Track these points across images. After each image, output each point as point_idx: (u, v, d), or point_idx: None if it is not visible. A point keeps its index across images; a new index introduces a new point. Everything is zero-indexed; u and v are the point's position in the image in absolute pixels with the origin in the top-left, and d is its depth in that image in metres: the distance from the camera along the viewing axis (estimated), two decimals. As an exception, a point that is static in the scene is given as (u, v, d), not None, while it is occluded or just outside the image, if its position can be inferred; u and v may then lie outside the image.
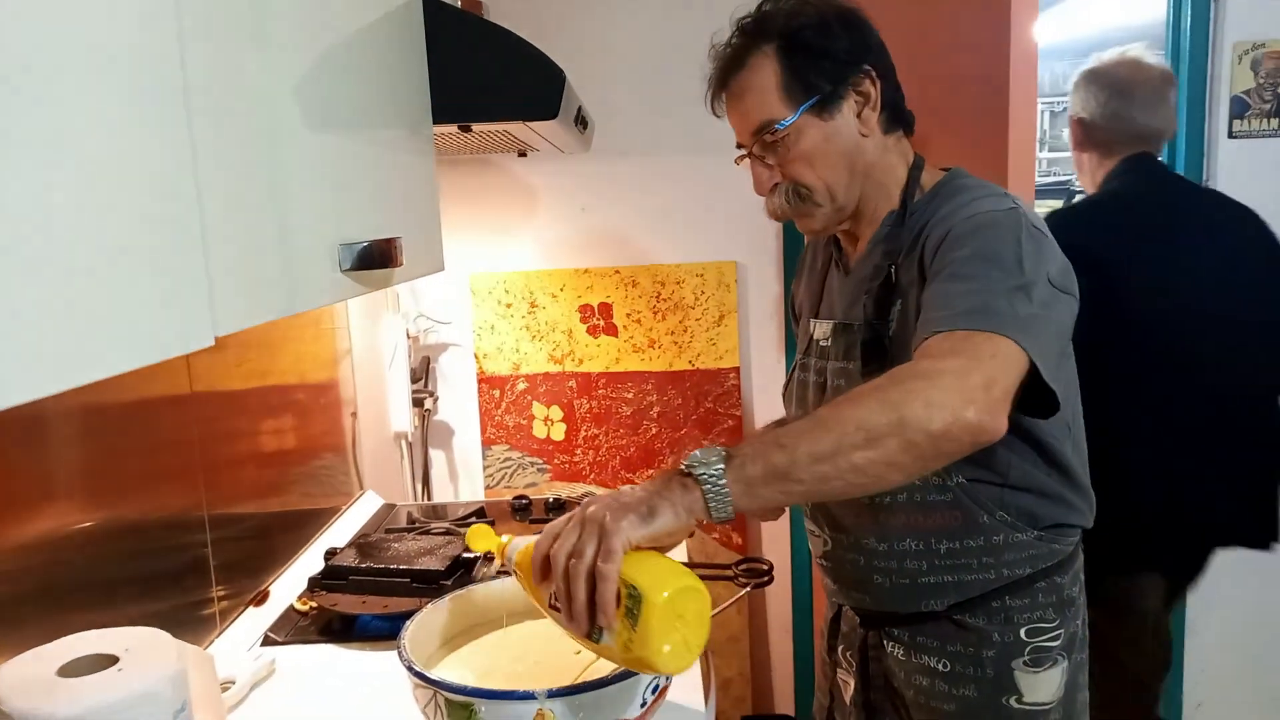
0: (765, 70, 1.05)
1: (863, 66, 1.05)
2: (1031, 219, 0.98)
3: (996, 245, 0.94)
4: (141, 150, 0.51)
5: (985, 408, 0.81)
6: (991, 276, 0.91)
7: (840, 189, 1.07)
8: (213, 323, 0.57)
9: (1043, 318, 0.90)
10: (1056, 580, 1.09)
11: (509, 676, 1.00)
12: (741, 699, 2.26)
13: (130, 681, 0.72)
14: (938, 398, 0.81)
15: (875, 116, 1.06)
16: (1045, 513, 1.08)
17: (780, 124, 1.04)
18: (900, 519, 1.08)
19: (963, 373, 0.83)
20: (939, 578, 1.08)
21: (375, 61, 0.97)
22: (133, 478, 1.13)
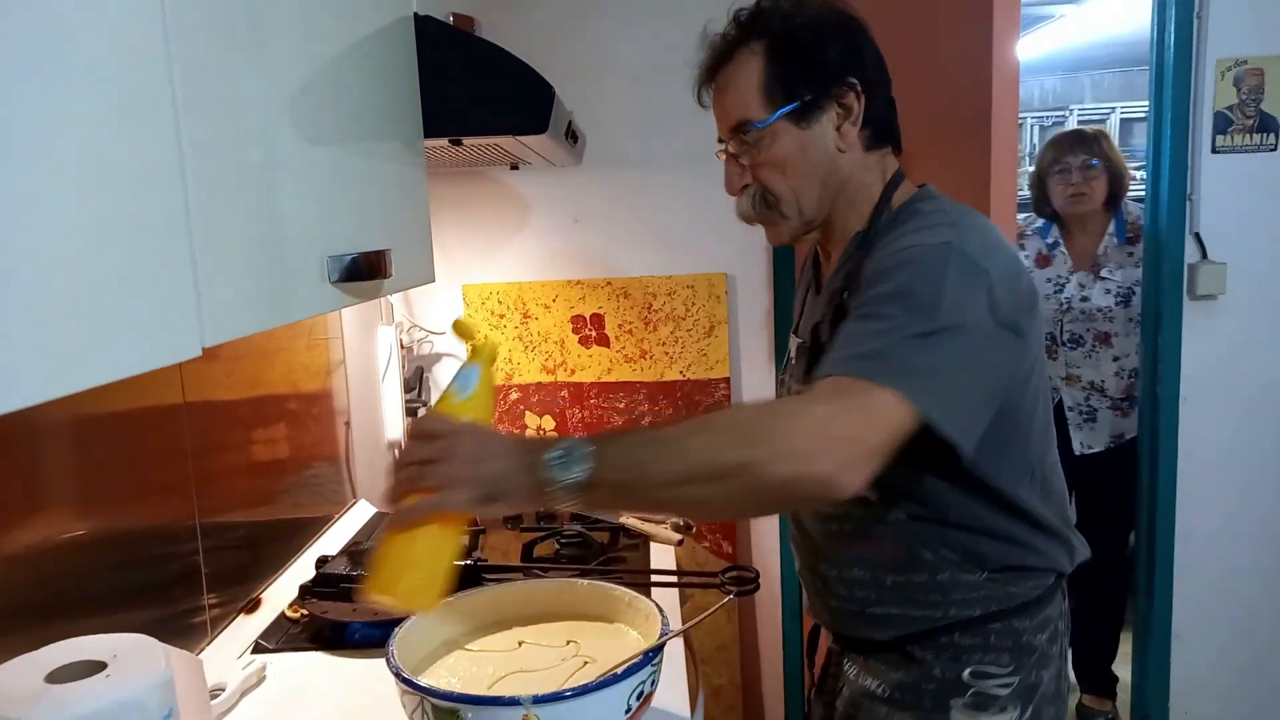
0: (750, 68, 1.01)
1: (848, 79, 1.00)
2: (971, 252, 0.90)
3: (913, 284, 0.88)
4: (129, 161, 0.52)
5: (839, 463, 0.78)
6: (896, 319, 0.86)
7: (810, 202, 1.04)
8: (200, 333, 0.58)
9: (950, 366, 0.85)
10: (1014, 624, 1.01)
11: (496, 683, 1.01)
12: (732, 707, 2.26)
13: (117, 688, 0.73)
14: (790, 445, 0.78)
15: (855, 132, 1.02)
16: (997, 554, 1.01)
17: (755, 125, 1.01)
18: (847, 547, 1.05)
19: (825, 423, 0.80)
20: (886, 609, 1.04)
21: (367, 76, 0.99)
22: (124, 487, 1.14)
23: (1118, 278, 2.42)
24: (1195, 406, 2.18)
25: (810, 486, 0.79)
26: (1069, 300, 2.47)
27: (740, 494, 0.80)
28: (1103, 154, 2.44)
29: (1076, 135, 2.54)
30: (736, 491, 0.80)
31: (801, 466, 0.78)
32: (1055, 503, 1.04)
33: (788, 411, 0.83)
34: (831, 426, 0.80)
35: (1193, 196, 2.12)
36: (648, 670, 0.93)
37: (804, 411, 0.82)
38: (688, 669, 1.20)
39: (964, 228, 0.95)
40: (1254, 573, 2.25)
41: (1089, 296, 2.44)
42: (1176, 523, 2.22)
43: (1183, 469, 2.20)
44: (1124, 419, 2.46)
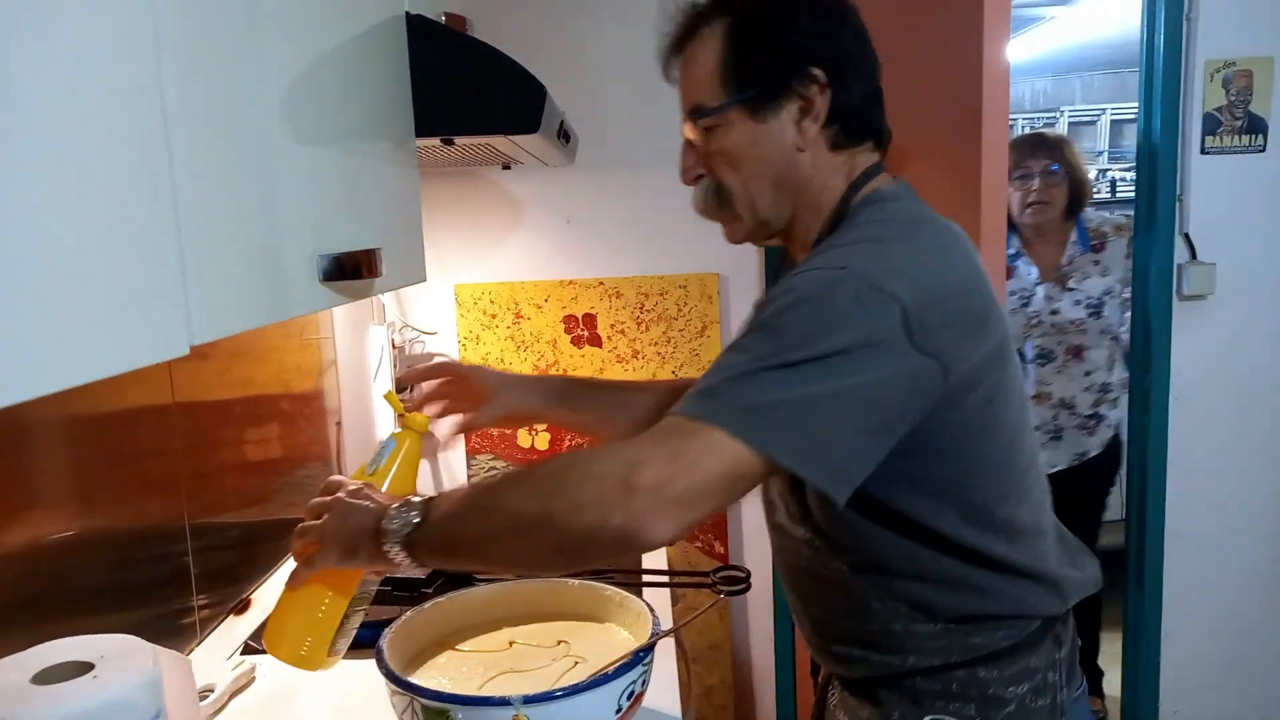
0: (709, 47, 0.93)
1: (811, 69, 0.89)
2: (876, 278, 0.78)
3: (785, 312, 0.79)
4: (115, 157, 0.52)
5: (637, 513, 0.72)
6: (754, 350, 0.78)
7: (764, 203, 0.94)
8: (189, 331, 0.58)
9: (806, 401, 0.75)
10: (979, 674, 0.90)
11: (486, 683, 1.01)
12: (724, 707, 2.26)
13: (105, 688, 0.72)
14: (588, 495, 0.74)
15: (817, 129, 0.91)
16: (950, 604, 0.90)
17: (708, 111, 0.92)
18: (806, 585, 0.99)
19: (629, 469, 0.73)
20: (848, 650, 0.96)
21: (358, 74, 0.99)
22: (113, 487, 1.13)
23: (1086, 288, 2.29)
24: (1185, 405, 2.19)
25: (609, 538, 0.74)
26: (1038, 314, 2.31)
27: (548, 548, 0.77)
28: (1065, 160, 2.28)
29: (1037, 139, 2.36)
30: (544, 545, 0.77)
31: (597, 517, 0.73)
32: (1026, 543, 0.92)
33: (598, 458, 0.77)
34: (635, 473, 0.73)
35: (1182, 197, 2.13)
36: (638, 670, 0.93)
37: (612, 457, 0.76)
38: (679, 669, 1.20)
39: (884, 245, 0.85)
40: (1244, 572, 2.26)
41: (1059, 309, 2.29)
42: (1166, 522, 2.23)
43: (1172, 468, 2.21)
44: (1089, 436, 2.37)
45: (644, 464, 0.74)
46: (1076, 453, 2.36)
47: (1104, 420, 2.35)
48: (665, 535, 0.74)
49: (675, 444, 0.75)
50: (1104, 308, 2.29)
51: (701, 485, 0.74)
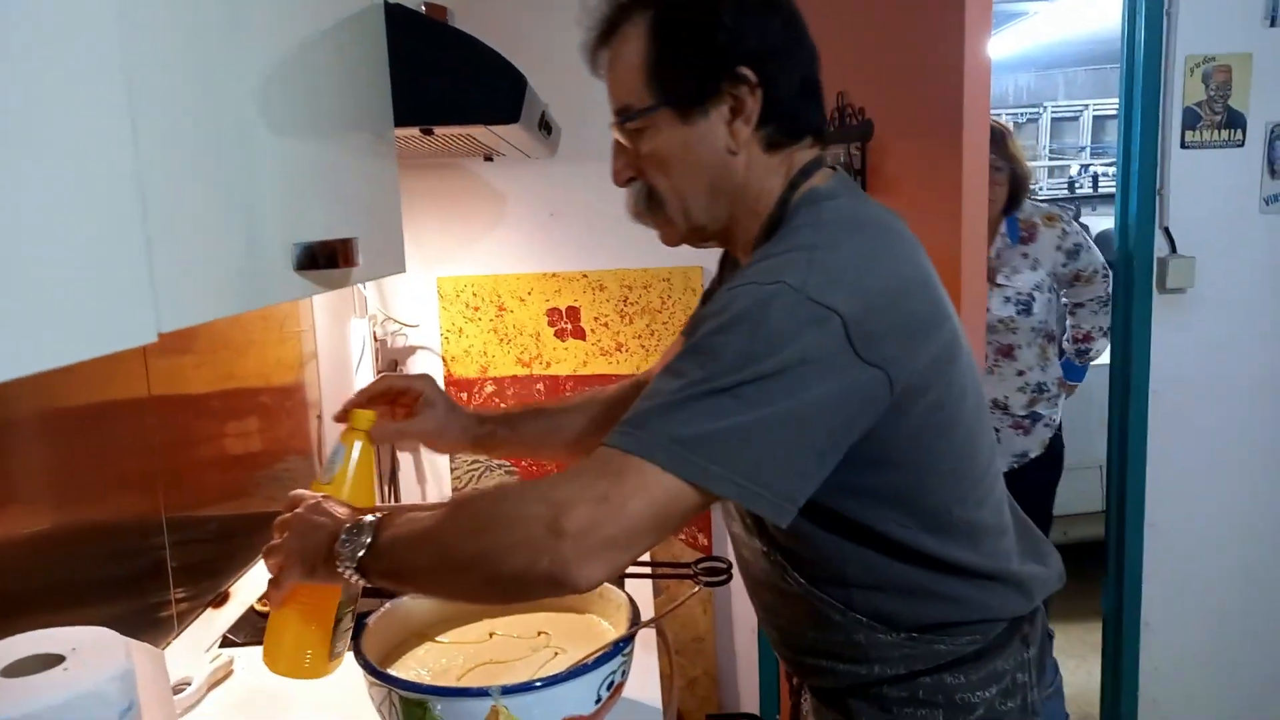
0: (633, 45, 0.87)
1: (740, 70, 0.83)
2: (813, 292, 0.74)
3: (721, 337, 0.74)
4: (74, 137, 0.51)
5: (566, 559, 0.70)
6: (686, 376, 0.73)
7: (697, 209, 0.89)
8: (157, 318, 0.57)
9: (739, 427, 0.72)
10: (946, 680, 0.89)
11: (465, 674, 1.00)
12: (708, 698, 2.27)
13: (75, 681, 0.72)
14: (518, 537, 0.72)
15: (749, 131, 0.85)
16: (911, 612, 0.88)
17: (635, 113, 0.87)
18: (768, 596, 0.97)
19: (561, 510, 0.71)
20: (815, 660, 0.95)
21: (336, 63, 0.98)
22: (88, 482, 1.12)
23: (1015, 284, 2.18)
24: (1164, 398, 2.20)
25: (537, 581, 0.72)
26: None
27: (481, 586, 0.77)
28: (1006, 154, 2.16)
29: None
30: (479, 582, 0.76)
31: (525, 561, 0.71)
32: (989, 544, 0.90)
33: (528, 497, 0.74)
34: (562, 517, 0.70)
35: (1162, 191, 2.15)
36: (618, 660, 0.93)
37: (542, 499, 0.73)
38: (661, 660, 1.20)
39: (820, 253, 0.79)
40: (1222, 563, 2.28)
41: (987, 307, 2.15)
42: (1145, 514, 2.25)
43: (1152, 460, 2.23)
44: (1026, 436, 2.29)
45: (572, 506, 0.71)
46: (1015, 454, 2.30)
47: (1040, 419, 2.29)
48: (594, 580, 0.72)
49: (604, 485, 0.71)
50: (1034, 304, 2.19)
51: (632, 528, 0.72)
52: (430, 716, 0.86)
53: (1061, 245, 2.23)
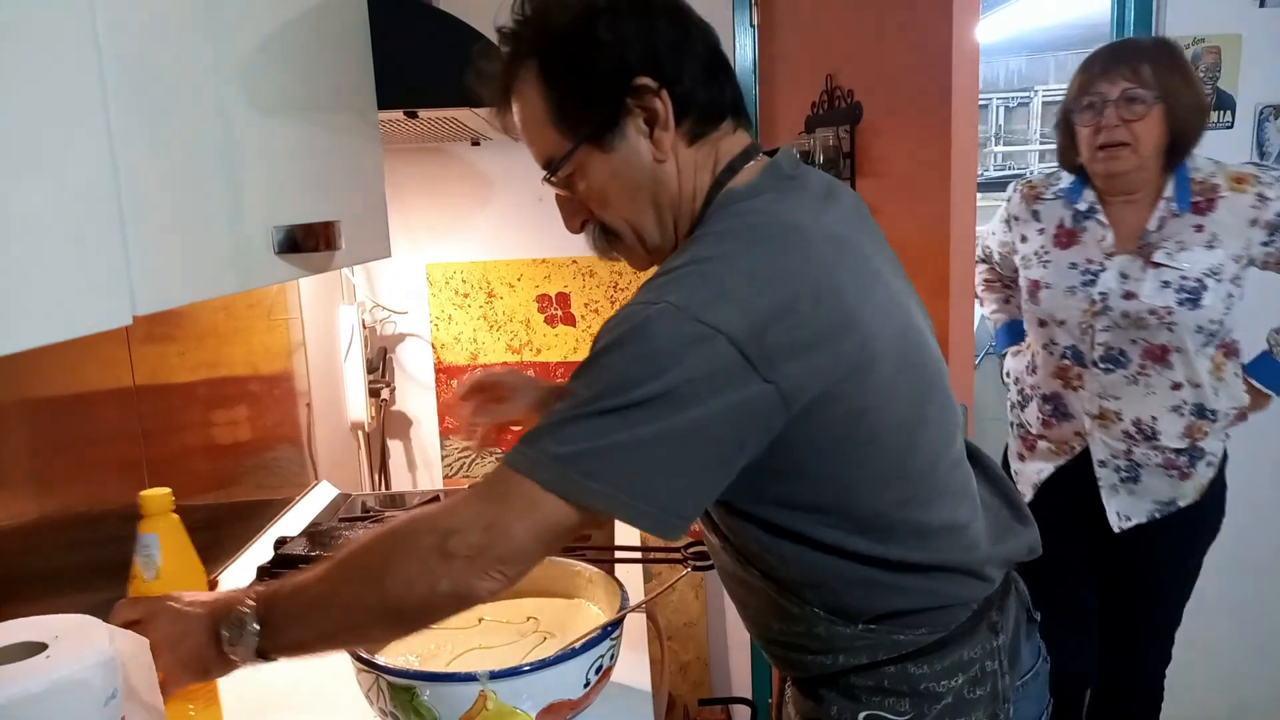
0: (532, 96, 0.86)
1: (637, 82, 0.82)
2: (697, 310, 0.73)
3: (607, 356, 0.75)
4: (48, 120, 0.50)
5: (464, 577, 0.74)
6: (576, 396, 0.75)
7: (648, 227, 0.88)
8: (132, 301, 0.56)
9: (616, 445, 0.72)
10: (910, 670, 0.88)
11: (454, 660, 1.00)
12: (700, 682, 2.28)
13: (58, 668, 0.71)
14: (415, 570, 0.76)
15: (670, 136, 0.84)
16: (865, 605, 0.87)
17: (558, 162, 0.86)
18: (735, 588, 0.97)
19: (446, 537, 0.75)
20: (783, 653, 0.95)
21: (318, 45, 0.97)
22: (71, 470, 1.11)
23: (1181, 264, 1.55)
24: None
25: (443, 603, 0.77)
26: (1105, 297, 1.60)
27: (392, 624, 0.81)
28: (1154, 81, 1.52)
29: (1117, 50, 1.60)
30: (387, 623, 0.80)
31: (426, 588, 0.75)
32: (939, 542, 0.87)
33: (415, 530, 0.77)
34: (449, 541, 0.75)
35: (1152, 173, 2.15)
36: (606, 644, 0.93)
37: (430, 528, 0.77)
38: (651, 645, 1.20)
39: (713, 265, 0.77)
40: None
41: (1136, 291, 1.57)
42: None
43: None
44: (1178, 480, 1.65)
45: (459, 532, 0.75)
46: (1160, 502, 1.67)
47: (1202, 458, 1.65)
48: (495, 591, 0.76)
49: (491, 511, 0.75)
50: (1203, 294, 1.55)
51: (519, 548, 0.75)
52: (417, 702, 0.86)
53: (1259, 218, 1.56)
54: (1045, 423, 1.75)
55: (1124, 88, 1.52)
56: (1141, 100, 1.52)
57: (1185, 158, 1.58)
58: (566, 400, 0.75)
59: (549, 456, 0.73)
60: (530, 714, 0.87)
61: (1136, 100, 1.51)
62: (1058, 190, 1.70)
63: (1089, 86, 1.56)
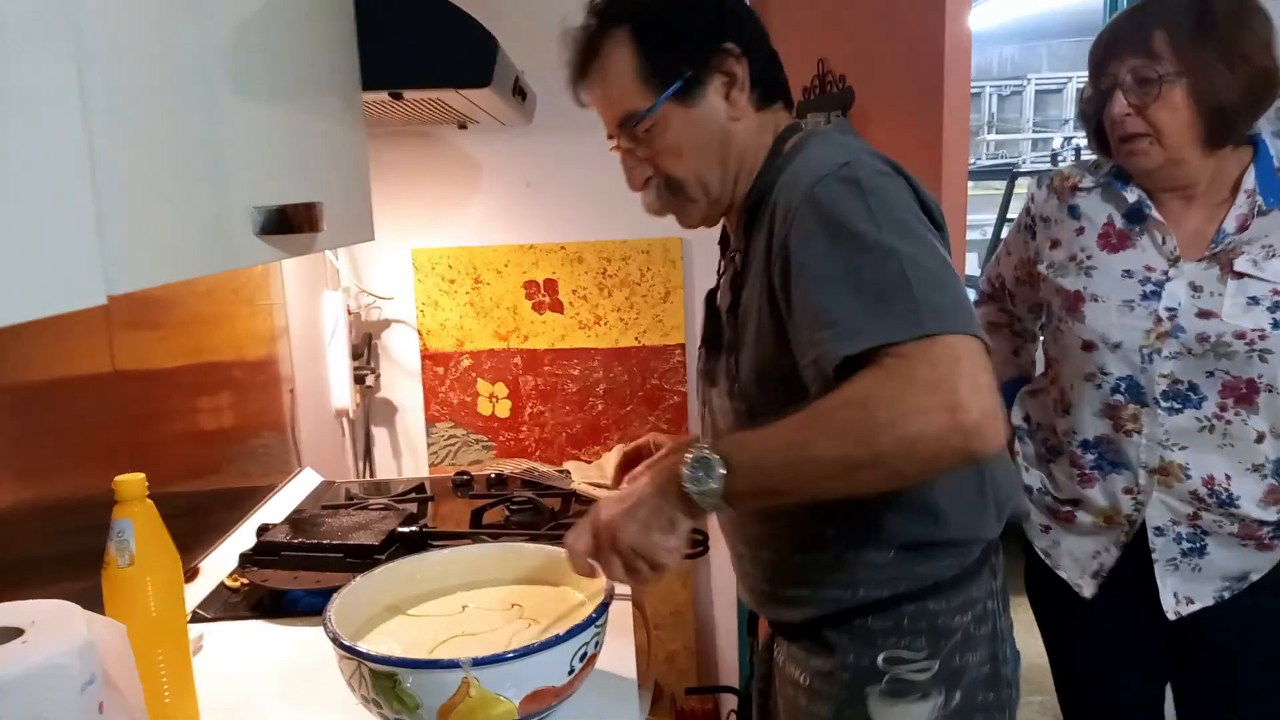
0: (620, 56, 0.96)
1: (724, 44, 0.95)
2: (874, 165, 0.86)
3: (846, 220, 0.82)
4: (18, 94, 0.49)
5: (972, 430, 0.73)
6: (865, 266, 0.80)
7: (714, 180, 0.98)
8: (105, 280, 0.55)
9: (944, 282, 0.79)
10: (929, 606, 0.95)
11: (438, 647, 0.99)
12: (686, 672, 2.28)
13: (34, 654, 0.70)
14: (916, 430, 0.74)
15: (745, 97, 0.97)
16: (900, 528, 0.94)
17: (642, 115, 0.95)
18: (755, 526, 1.03)
19: (936, 401, 0.73)
20: (797, 591, 1.00)
21: (300, 23, 0.95)
22: (51, 457, 1.10)
23: (1270, 274, 1.18)
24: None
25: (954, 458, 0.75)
26: (1174, 314, 1.21)
27: (884, 481, 0.79)
28: (1171, 53, 1.17)
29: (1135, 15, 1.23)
30: (880, 480, 0.79)
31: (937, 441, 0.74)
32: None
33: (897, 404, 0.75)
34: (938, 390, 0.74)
35: (1141, 163, 2.14)
36: (591, 631, 0.92)
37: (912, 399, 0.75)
38: (638, 634, 1.19)
39: (856, 148, 0.90)
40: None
41: (1213, 309, 1.19)
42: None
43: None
44: (1255, 551, 1.24)
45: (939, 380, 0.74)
46: (1230, 577, 1.27)
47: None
48: (1001, 435, 0.75)
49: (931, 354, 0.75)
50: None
51: (987, 379, 0.75)
52: (400, 689, 0.85)
53: None
54: (1085, 478, 1.30)
55: (1132, 65, 1.20)
56: (1151, 80, 1.18)
57: (1230, 140, 1.21)
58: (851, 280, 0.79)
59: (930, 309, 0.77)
60: (514, 701, 0.86)
61: (1147, 81, 1.19)
62: (1101, 177, 1.31)
63: (1101, 66, 1.25)
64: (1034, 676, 2.76)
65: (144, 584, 0.90)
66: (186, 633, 0.95)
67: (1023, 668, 1.10)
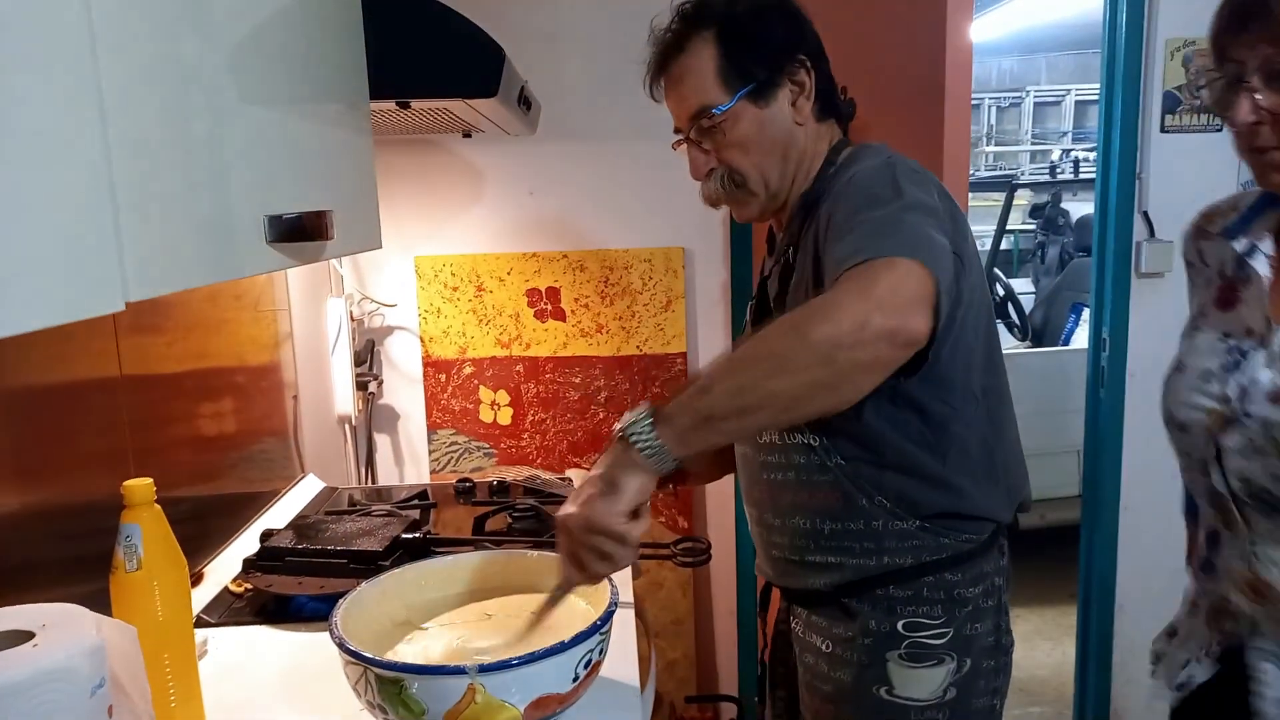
0: (704, 55, 1.06)
1: (798, 56, 1.07)
2: (912, 164, 1.01)
3: (870, 188, 0.96)
4: (44, 109, 0.49)
5: (894, 310, 0.82)
6: (872, 215, 0.91)
7: (774, 177, 1.09)
8: (124, 287, 0.56)
9: (931, 234, 0.89)
10: (947, 577, 1.06)
11: (443, 653, 0.99)
12: (686, 680, 2.28)
13: (45, 656, 0.70)
14: (840, 312, 0.82)
15: (809, 106, 1.09)
16: (926, 500, 1.04)
17: (717, 109, 1.06)
18: (789, 496, 1.10)
19: (861, 289, 0.83)
20: (824, 558, 1.08)
21: (311, 34, 0.96)
22: (58, 461, 1.10)
23: None
24: (1140, 380, 2.22)
25: (878, 340, 0.81)
26: (1243, 396, 0.91)
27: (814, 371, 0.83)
28: None
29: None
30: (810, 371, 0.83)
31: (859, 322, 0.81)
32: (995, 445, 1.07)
33: (819, 301, 0.85)
34: (869, 289, 0.82)
35: (1141, 175, 2.16)
36: (595, 639, 0.92)
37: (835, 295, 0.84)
38: (639, 642, 1.19)
39: (896, 156, 1.03)
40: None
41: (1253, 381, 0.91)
42: (1121, 496, 2.27)
43: (1127, 444, 2.25)
44: None
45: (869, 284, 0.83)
46: None
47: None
48: (922, 328, 0.83)
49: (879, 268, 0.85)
50: None
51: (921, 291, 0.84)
52: (406, 695, 0.85)
53: None
54: (1196, 575, 1.04)
55: (1267, 54, 0.83)
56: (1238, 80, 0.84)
57: None
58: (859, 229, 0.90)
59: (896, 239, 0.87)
60: (519, 707, 0.87)
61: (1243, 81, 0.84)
62: (1232, 221, 1.01)
63: (1223, 50, 0.88)
64: (1034, 687, 2.77)
65: (151, 588, 0.90)
66: (193, 637, 0.95)
67: (1024, 679, 1.13)
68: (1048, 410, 3.17)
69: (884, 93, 1.61)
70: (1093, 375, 2.29)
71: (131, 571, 0.89)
